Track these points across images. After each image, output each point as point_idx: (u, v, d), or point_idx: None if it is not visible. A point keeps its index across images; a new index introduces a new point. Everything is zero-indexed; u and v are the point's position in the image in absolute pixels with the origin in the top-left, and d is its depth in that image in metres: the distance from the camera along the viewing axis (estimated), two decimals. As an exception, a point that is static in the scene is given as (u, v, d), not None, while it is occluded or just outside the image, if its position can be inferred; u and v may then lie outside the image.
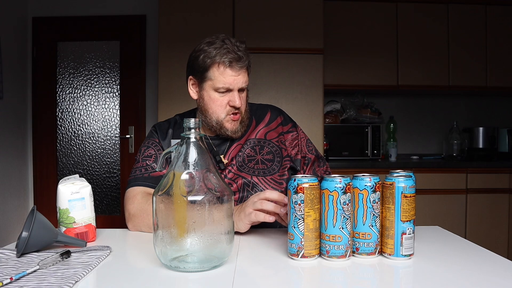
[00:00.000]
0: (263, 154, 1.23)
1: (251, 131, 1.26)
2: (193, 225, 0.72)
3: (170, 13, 2.47)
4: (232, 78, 1.15)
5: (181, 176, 0.74)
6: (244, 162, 1.21)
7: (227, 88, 1.15)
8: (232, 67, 1.14)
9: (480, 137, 2.92)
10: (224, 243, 0.75)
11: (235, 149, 1.22)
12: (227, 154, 1.21)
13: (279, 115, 1.31)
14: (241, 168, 1.19)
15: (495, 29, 2.89)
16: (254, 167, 1.20)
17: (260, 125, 1.28)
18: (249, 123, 1.27)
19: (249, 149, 1.23)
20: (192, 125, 0.77)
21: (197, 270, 0.73)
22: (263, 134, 1.26)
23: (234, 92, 1.16)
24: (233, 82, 1.15)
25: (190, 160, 0.75)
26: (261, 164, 1.21)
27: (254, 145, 1.24)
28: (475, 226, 2.64)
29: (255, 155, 1.22)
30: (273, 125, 1.29)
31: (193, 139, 0.77)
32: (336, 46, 2.80)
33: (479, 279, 0.69)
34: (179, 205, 0.72)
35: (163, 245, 0.73)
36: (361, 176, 0.80)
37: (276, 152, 1.24)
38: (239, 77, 1.15)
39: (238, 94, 1.17)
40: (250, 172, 1.19)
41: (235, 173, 1.19)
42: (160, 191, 0.74)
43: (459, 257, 0.82)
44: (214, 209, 0.73)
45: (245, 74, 1.17)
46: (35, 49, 3.07)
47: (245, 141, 1.24)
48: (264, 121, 1.29)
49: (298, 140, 1.29)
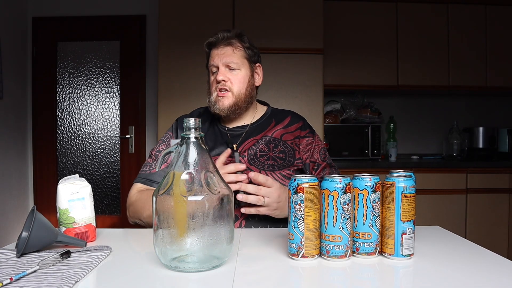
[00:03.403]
0: (276, 152, 1.24)
1: (269, 129, 1.29)
2: (193, 225, 0.72)
3: (170, 13, 2.47)
4: (216, 55, 1.24)
5: (181, 176, 0.74)
6: (255, 156, 1.22)
7: (214, 66, 1.24)
8: (216, 45, 1.25)
9: (480, 137, 2.93)
10: (224, 243, 0.75)
11: (249, 142, 1.25)
12: (241, 147, 1.24)
13: (299, 121, 1.34)
14: (251, 162, 1.20)
15: (495, 29, 2.89)
16: (265, 162, 1.21)
17: (279, 126, 1.30)
18: (268, 122, 1.31)
19: (263, 144, 1.24)
20: (192, 125, 0.77)
21: (197, 270, 0.73)
22: (280, 134, 1.28)
23: (220, 67, 1.23)
24: (217, 58, 1.24)
25: (190, 160, 0.75)
26: (271, 161, 1.22)
27: (269, 142, 1.25)
28: (475, 226, 2.64)
29: (268, 152, 1.23)
30: (291, 128, 1.30)
31: (193, 139, 0.77)
32: (336, 46, 2.80)
33: (479, 279, 0.69)
34: (179, 205, 0.72)
35: (163, 245, 0.73)
36: (361, 176, 0.80)
37: (289, 153, 1.24)
38: (223, 54, 1.23)
39: (224, 70, 1.23)
40: (259, 167, 1.20)
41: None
42: (160, 191, 0.74)
43: (459, 257, 0.82)
44: (214, 209, 0.73)
45: (232, 51, 1.24)
46: (35, 49, 3.07)
47: (261, 137, 1.26)
48: (283, 123, 1.31)
49: (312, 146, 1.29)
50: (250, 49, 1.27)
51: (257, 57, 1.31)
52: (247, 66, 1.26)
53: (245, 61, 1.26)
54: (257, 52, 1.31)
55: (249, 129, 1.29)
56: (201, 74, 2.48)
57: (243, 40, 1.26)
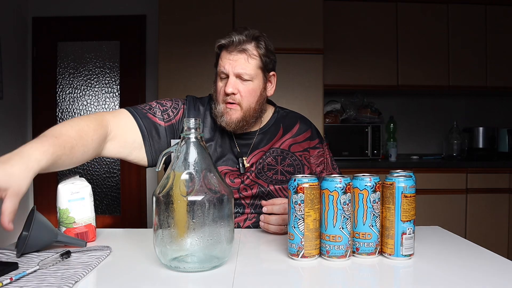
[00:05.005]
0: (284, 165, 1.19)
1: (277, 139, 1.22)
2: (193, 225, 0.72)
3: (170, 13, 2.47)
4: (227, 61, 1.10)
5: (181, 176, 0.74)
6: (263, 170, 1.17)
7: (224, 73, 1.11)
8: (229, 50, 1.11)
9: (480, 137, 2.92)
10: (224, 243, 0.75)
11: (257, 155, 1.19)
12: (248, 158, 1.18)
13: (308, 129, 1.27)
14: (259, 175, 1.16)
15: (495, 29, 2.89)
16: (273, 177, 1.17)
17: (287, 135, 1.23)
18: (276, 129, 1.23)
19: (271, 157, 1.18)
20: (192, 125, 0.77)
21: (197, 270, 0.73)
22: (288, 145, 1.22)
23: (231, 77, 1.10)
24: (228, 65, 1.10)
25: (190, 160, 0.75)
26: (280, 175, 1.17)
27: (277, 155, 1.19)
28: (475, 226, 2.63)
29: (276, 165, 1.18)
30: (299, 138, 1.24)
31: (193, 139, 0.77)
32: (336, 46, 2.80)
33: (479, 279, 0.69)
34: (179, 205, 0.72)
35: (163, 245, 0.73)
36: (361, 176, 0.80)
37: (297, 166, 1.20)
38: (235, 62, 1.09)
39: (234, 81, 1.10)
40: (267, 181, 1.16)
41: (252, 180, 1.15)
42: (160, 191, 0.74)
43: (459, 257, 0.82)
44: (214, 209, 0.73)
45: (245, 61, 1.10)
46: (35, 49, 3.06)
47: (269, 149, 1.20)
48: (292, 132, 1.24)
49: (324, 158, 1.25)
50: (267, 56, 1.13)
51: (273, 65, 1.19)
52: (260, 78, 1.14)
53: (259, 72, 1.13)
54: (273, 59, 1.18)
55: (257, 137, 1.21)
56: (201, 74, 2.47)
57: (259, 46, 1.12)
